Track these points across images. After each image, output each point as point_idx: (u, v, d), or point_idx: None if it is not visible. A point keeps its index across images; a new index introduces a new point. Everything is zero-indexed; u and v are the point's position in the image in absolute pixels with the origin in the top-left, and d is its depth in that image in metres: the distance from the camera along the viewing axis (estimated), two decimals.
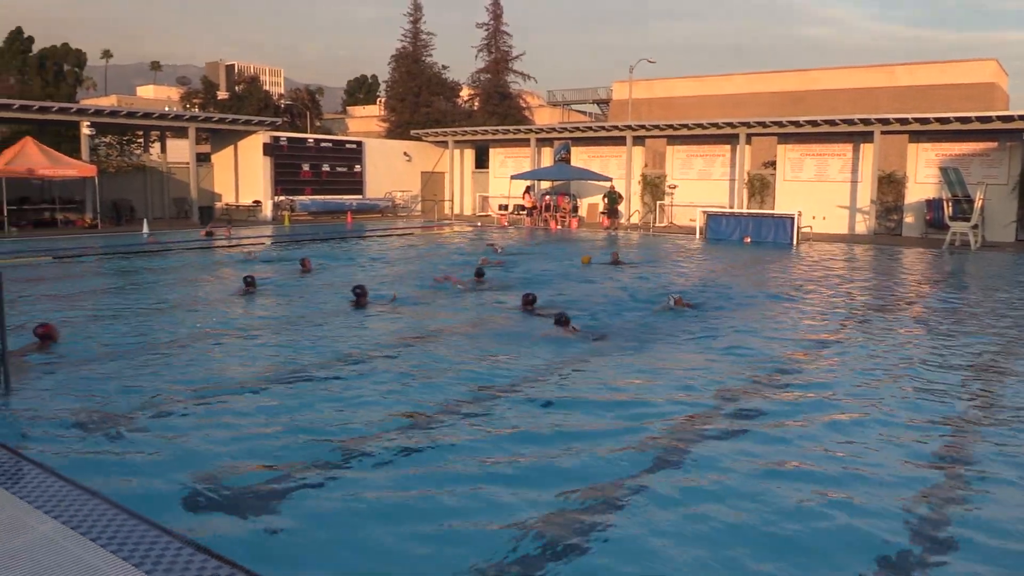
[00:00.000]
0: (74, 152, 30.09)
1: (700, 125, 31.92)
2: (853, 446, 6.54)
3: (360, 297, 12.78)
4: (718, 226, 27.51)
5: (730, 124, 31.13)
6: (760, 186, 31.66)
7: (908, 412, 7.47)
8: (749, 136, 31.42)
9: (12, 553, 4.18)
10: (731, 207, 30.88)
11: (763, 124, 30.45)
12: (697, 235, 27.75)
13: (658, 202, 33.60)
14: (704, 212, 28.29)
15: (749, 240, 26.22)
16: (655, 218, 32.92)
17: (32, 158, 26.41)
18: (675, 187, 33.06)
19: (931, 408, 7.63)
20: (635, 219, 33.55)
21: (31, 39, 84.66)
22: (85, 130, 28.86)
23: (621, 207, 32.80)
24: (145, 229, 26.73)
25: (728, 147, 32.37)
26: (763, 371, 8.91)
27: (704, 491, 5.61)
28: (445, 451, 6.35)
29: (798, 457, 6.29)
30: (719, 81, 54.88)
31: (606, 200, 32.29)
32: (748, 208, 30.65)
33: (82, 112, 29.19)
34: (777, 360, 9.48)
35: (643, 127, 33.83)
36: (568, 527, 5.05)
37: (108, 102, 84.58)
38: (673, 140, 33.79)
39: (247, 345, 10.13)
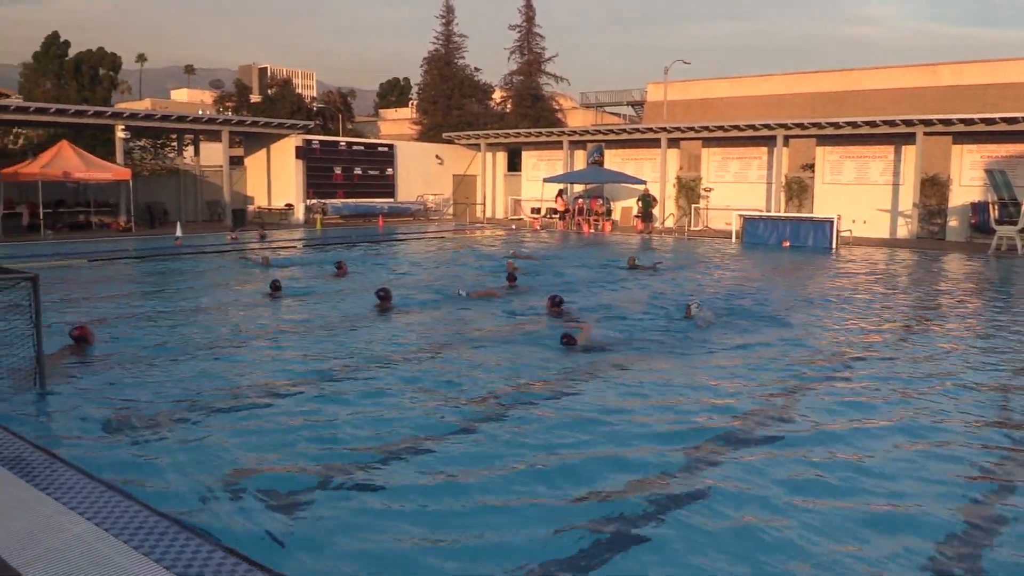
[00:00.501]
0: (109, 155, 30.63)
1: (736, 127, 31.66)
2: (890, 461, 6.37)
3: (384, 300, 12.82)
4: (755, 230, 27.26)
5: (767, 126, 30.84)
6: (798, 189, 31.32)
7: (950, 425, 7.33)
8: (787, 138, 31.10)
9: (46, 554, 4.25)
10: (768, 211, 30.58)
11: (801, 126, 30.13)
12: (733, 239, 27.53)
13: (693, 205, 33.38)
14: (740, 215, 28.05)
15: (788, 244, 25.94)
16: (690, 222, 32.71)
17: (68, 161, 26.93)
18: (711, 190, 32.82)
19: (974, 421, 7.47)
20: (669, 223, 33.36)
21: (67, 43, 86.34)
22: (120, 133, 29.36)
23: (655, 211, 32.63)
24: (178, 232, 27.12)
25: (765, 149, 32.07)
26: (796, 381, 8.74)
27: (734, 504, 5.55)
28: (474, 458, 6.36)
29: (831, 471, 6.18)
30: (756, 82, 54.41)
31: (640, 203, 32.14)
32: (785, 212, 30.33)
33: (117, 116, 29.72)
34: (812, 370, 9.31)
35: (678, 129, 33.64)
36: (602, 536, 5.02)
37: (142, 106, 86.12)
38: (709, 142, 33.55)
39: (275, 349, 10.21)
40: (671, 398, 8.02)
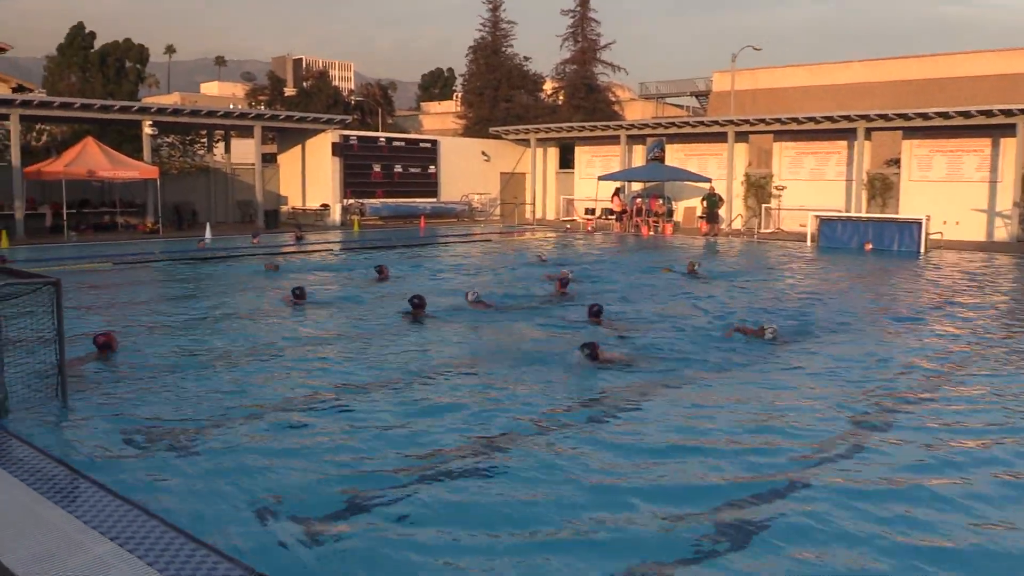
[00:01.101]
0: (136, 153, 31.35)
1: (812, 119, 31.24)
2: (977, 496, 6.19)
3: (418, 308, 12.87)
4: (833, 232, 26.86)
5: (847, 117, 30.38)
6: (881, 187, 30.77)
7: None
8: (869, 131, 30.59)
9: (67, 574, 4.34)
10: (848, 211, 30.10)
11: (885, 117, 29.61)
12: (808, 242, 27.15)
13: (764, 205, 33.01)
14: (816, 216, 27.66)
15: (870, 247, 25.51)
16: (760, 223, 32.33)
17: (93, 159, 27.63)
18: (783, 188, 32.43)
19: None
20: (737, 224, 33.02)
21: (92, 35, 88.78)
22: (147, 130, 30.05)
23: (722, 211, 32.33)
24: (207, 234, 27.64)
25: (844, 143, 31.57)
26: (875, 408, 8.45)
27: (809, 543, 5.44)
28: (517, 477, 6.34)
29: (920, 507, 6.01)
30: (834, 69, 53.60)
31: (705, 203, 31.88)
32: (867, 212, 29.82)
33: (144, 111, 30.42)
34: (891, 394, 9.00)
35: (747, 121, 33.31)
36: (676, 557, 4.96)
37: (171, 100, 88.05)
38: (781, 136, 33.16)
39: (302, 361, 10.35)
40: (728, 423, 7.88)
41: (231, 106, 49.67)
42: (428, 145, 39.54)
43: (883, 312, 14.34)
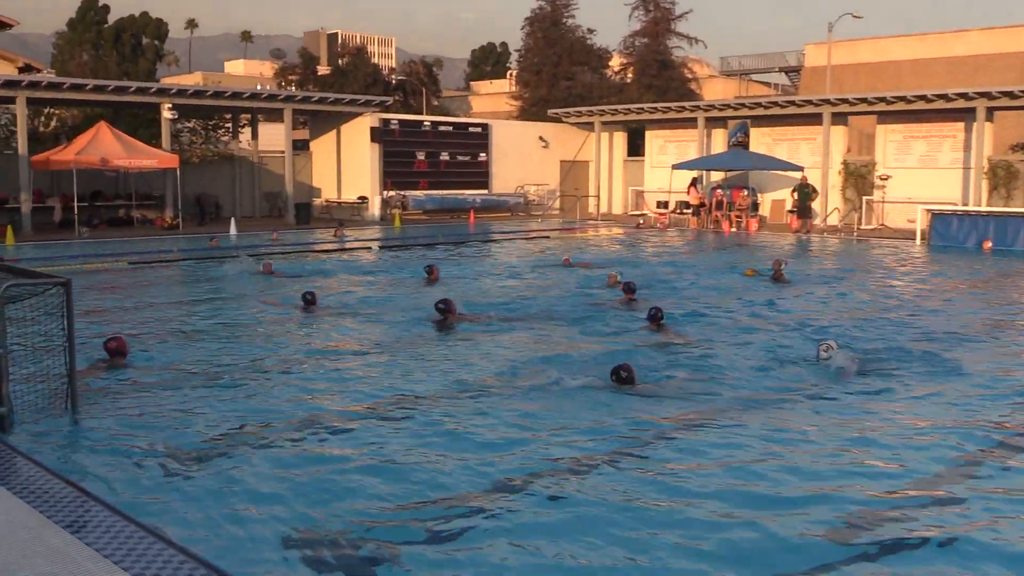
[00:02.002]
0: (153, 139, 32.00)
1: (922, 97, 30.66)
2: None
3: (447, 314, 12.89)
4: (947, 228, 26.33)
5: (964, 95, 29.75)
6: (1005, 176, 30.08)
7: None
8: (990, 110, 29.93)
9: None
10: (965, 204, 29.49)
11: (1011, 94, 28.94)
12: (918, 240, 26.67)
13: (864, 197, 32.48)
14: (928, 210, 27.14)
15: (990, 246, 24.97)
16: (860, 218, 31.83)
17: (106, 146, 28.26)
18: (888, 178, 31.85)
19: None
20: (833, 219, 32.54)
21: (106, 8, 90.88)
22: (166, 113, 30.64)
23: (815, 204, 31.89)
24: (232, 230, 28.09)
25: (961, 125, 30.93)
26: (980, 449, 8.02)
27: None
28: (580, 505, 6.32)
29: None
30: (948, 40, 52.58)
31: (796, 195, 31.48)
32: (989, 205, 29.17)
33: (163, 92, 31.06)
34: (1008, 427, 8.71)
35: (845, 101, 32.81)
36: None
37: (192, 80, 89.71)
38: (886, 117, 32.60)
39: (326, 375, 10.50)
40: (806, 459, 7.72)
41: (258, 87, 50.34)
42: (478, 130, 39.68)
43: (1004, 326, 13.94)
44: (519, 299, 15.99)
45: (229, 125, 38.20)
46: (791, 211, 32.14)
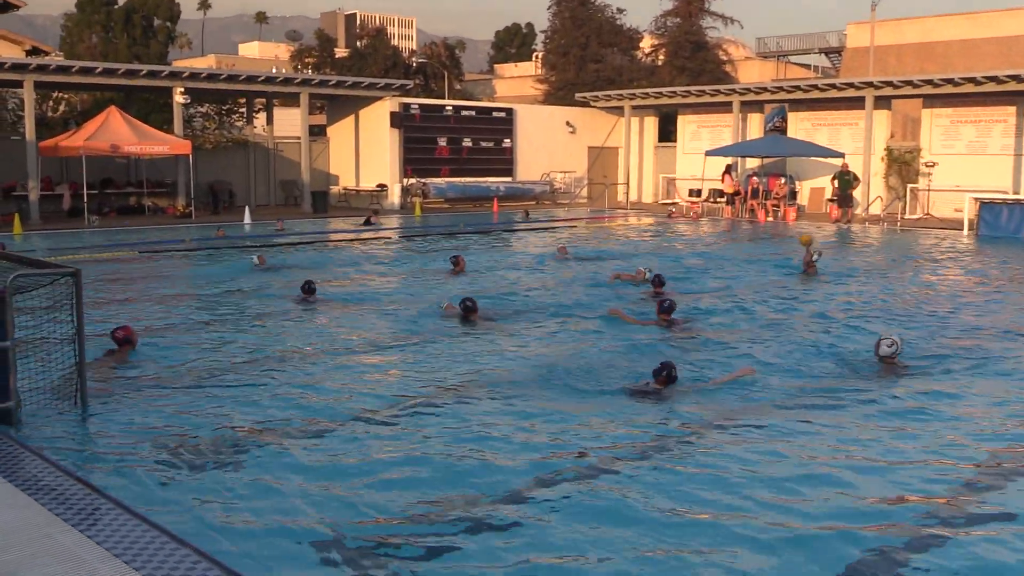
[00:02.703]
0: (165, 124, 32.20)
1: (971, 79, 30.37)
2: None
3: (469, 312, 12.86)
4: (996, 218, 26.09)
5: (1016, 77, 29.45)
6: None
7: None
8: None
9: None
10: (1016, 192, 29.21)
11: None
12: (965, 230, 26.43)
13: (909, 186, 32.22)
14: (976, 199, 26.90)
15: None
16: (904, 208, 31.58)
17: (117, 132, 28.46)
18: (934, 165, 31.58)
19: None
20: (876, 208, 32.31)
21: None
22: (178, 98, 30.81)
23: (856, 192, 31.68)
24: (246, 219, 28.23)
25: (1012, 109, 30.62)
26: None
27: None
28: (609, 511, 6.32)
29: None
30: (999, 18, 52.05)
31: (836, 183, 31.28)
32: None
33: (175, 76, 31.21)
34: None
35: (889, 83, 32.55)
36: None
37: (205, 63, 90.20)
38: (932, 101, 32.33)
39: (343, 368, 10.59)
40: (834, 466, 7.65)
41: (274, 70, 50.62)
42: (503, 115, 39.66)
43: None
44: (541, 292, 15.98)
45: (243, 110, 38.37)
46: (831, 200, 31.93)
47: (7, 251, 14.38)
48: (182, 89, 30.85)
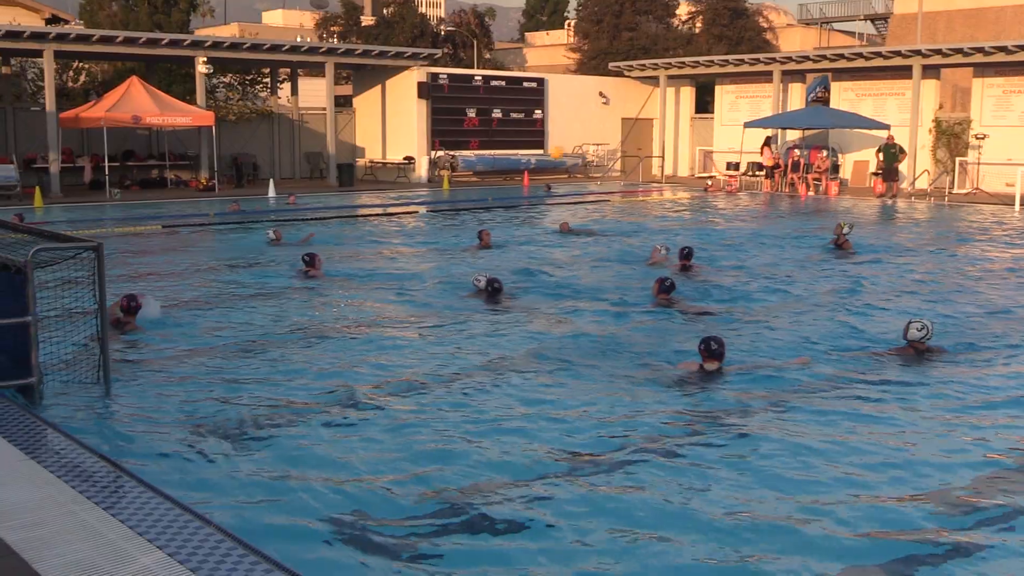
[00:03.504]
0: (188, 95, 32.36)
1: None
2: None
3: (495, 293, 12.75)
4: None
5: None
6: None
7: None
8: None
9: None
10: None
11: None
12: (1016, 206, 26.18)
13: (958, 159, 31.89)
14: None
15: None
16: (953, 181, 31.28)
17: (138, 102, 28.63)
18: (984, 137, 31.23)
19: None
20: (922, 182, 32.01)
21: None
22: (201, 68, 30.94)
23: (903, 166, 31.39)
24: (271, 192, 28.38)
25: None
26: None
27: None
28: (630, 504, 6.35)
29: None
30: None
31: (881, 156, 31.00)
32: None
33: (197, 45, 31.32)
34: None
35: (938, 52, 32.15)
36: None
37: (228, 32, 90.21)
38: (983, 70, 31.93)
39: (362, 344, 10.70)
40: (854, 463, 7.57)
41: (298, 39, 50.68)
42: (534, 85, 39.55)
43: None
44: (565, 271, 15.92)
45: (267, 80, 38.48)
46: (875, 174, 31.67)
47: (26, 223, 14.58)
48: (204, 59, 30.97)
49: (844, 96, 35.36)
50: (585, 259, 17.15)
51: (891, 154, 30.80)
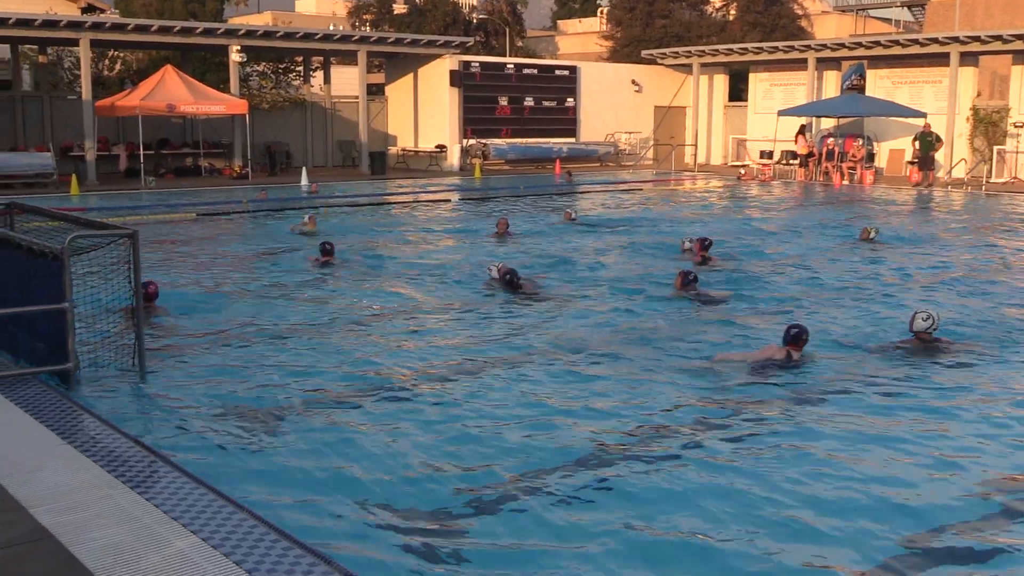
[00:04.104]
0: (221, 84, 32.53)
1: None
2: None
3: (513, 287, 12.58)
4: None
5: None
6: None
7: None
8: None
9: (144, 572, 4.60)
10: None
11: None
12: None
13: (996, 148, 31.55)
14: None
15: None
16: (990, 171, 30.94)
17: (173, 91, 28.83)
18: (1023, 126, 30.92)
19: None
20: (959, 171, 31.69)
21: None
22: (235, 56, 31.08)
23: (939, 154, 31.07)
24: (303, 180, 28.50)
25: None
26: None
27: None
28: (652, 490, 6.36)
29: None
30: None
31: (917, 145, 30.71)
32: None
33: (231, 34, 31.46)
34: None
35: (976, 39, 31.78)
36: None
37: (262, 21, 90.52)
38: (1022, 57, 31.53)
39: (396, 332, 10.80)
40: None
41: (331, 27, 50.77)
42: (566, 73, 39.44)
43: None
44: (590, 261, 15.82)
45: (300, 69, 38.60)
46: (911, 162, 31.38)
47: (59, 210, 14.72)
48: (238, 47, 31.12)
49: (880, 84, 35.06)
50: (590, 250, 16.90)
51: (927, 143, 30.51)
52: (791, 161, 34.59)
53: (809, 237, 18.79)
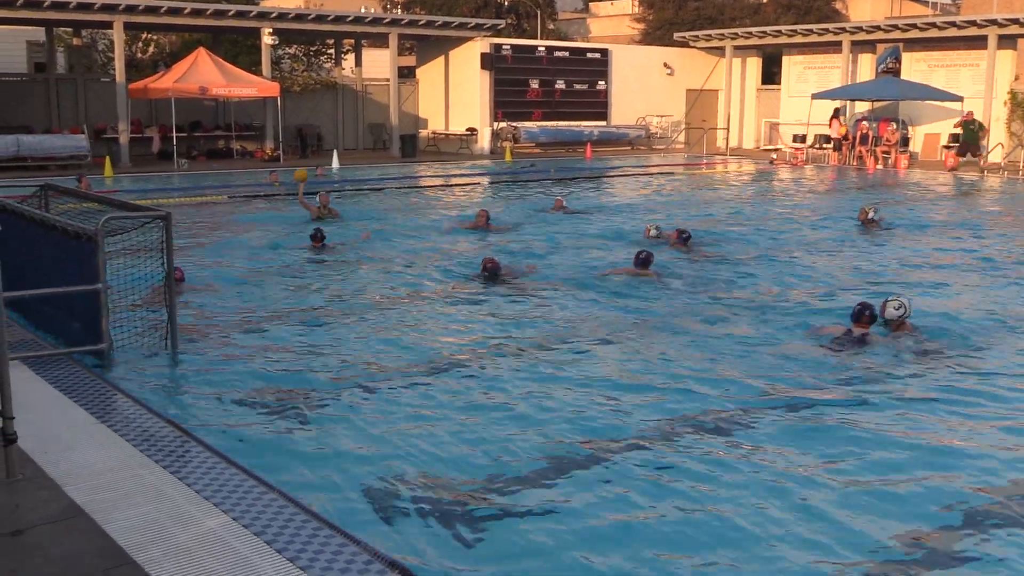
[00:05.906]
0: (253, 66, 32.65)
1: None
2: None
3: (492, 276, 12.39)
4: None
5: None
6: None
7: None
8: None
9: (174, 551, 4.67)
10: None
11: None
12: None
13: None
14: None
15: None
16: None
17: (205, 74, 28.98)
18: None
19: None
20: (996, 156, 31.34)
21: None
22: (267, 39, 31.20)
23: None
24: (334, 164, 28.61)
25: None
26: None
27: None
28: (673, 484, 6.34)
29: None
30: None
31: (962, 132, 30.35)
32: None
33: (263, 16, 31.57)
34: None
35: (1016, 21, 31.34)
36: None
37: (293, 3, 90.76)
38: None
39: (424, 314, 10.89)
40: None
41: (363, 9, 50.74)
42: (597, 56, 39.29)
43: None
44: (585, 251, 15.35)
45: (332, 51, 38.68)
46: (947, 147, 31.05)
47: (94, 191, 14.84)
48: (270, 30, 31.22)
49: (916, 67, 34.67)
50: (572, 239, 16.44)
51: (971, 131, 30.22)
52: (824, 145, 34.35)
53: (836, 220, 18.64)
